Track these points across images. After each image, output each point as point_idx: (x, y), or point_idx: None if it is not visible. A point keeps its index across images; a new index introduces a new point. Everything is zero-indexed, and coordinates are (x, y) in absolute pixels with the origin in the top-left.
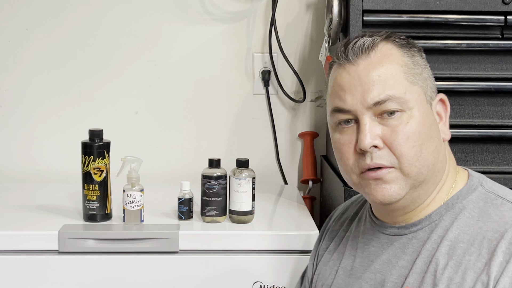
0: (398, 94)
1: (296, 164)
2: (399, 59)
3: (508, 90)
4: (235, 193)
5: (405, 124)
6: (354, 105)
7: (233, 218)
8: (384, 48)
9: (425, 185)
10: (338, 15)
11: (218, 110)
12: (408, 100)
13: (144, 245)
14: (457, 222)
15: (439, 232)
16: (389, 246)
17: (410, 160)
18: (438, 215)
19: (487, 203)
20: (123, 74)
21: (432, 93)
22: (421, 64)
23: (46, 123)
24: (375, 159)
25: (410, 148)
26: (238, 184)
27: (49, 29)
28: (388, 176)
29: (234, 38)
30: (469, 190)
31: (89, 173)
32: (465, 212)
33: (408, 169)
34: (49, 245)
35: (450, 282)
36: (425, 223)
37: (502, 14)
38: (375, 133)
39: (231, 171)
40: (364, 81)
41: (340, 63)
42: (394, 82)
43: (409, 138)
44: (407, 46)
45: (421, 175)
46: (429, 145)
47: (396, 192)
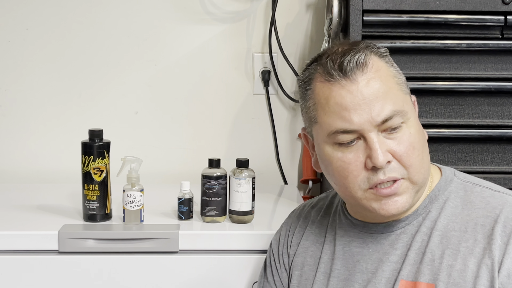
0: (399, 108)
1: (296, 164)
2: (388, 71)
3: (508, 90)
4: (235, 193)
5: (408, 136)
6: (362, 124)
7: (233, 218)
8: (373, 61)
9: (423, 188)
10: (338, 15)
11: (218, 110)
12: (407, 111)
13: (144, 245)
14: (444, 213)
15: (427, 224)
16: (376, 244)
17: (417, 168)
18: (424, 208)
19: (467, 192)
20: (123, 74)
21: (410, 97)
22: (399, 70)
23: (46, 123)
24: (388, 173)
25: (416, 156)
26: (238, 184)
27: (49, 29)
28: (401, 189)
29: (234, 38)
30: (446, 181)
31: (89, 173)
32: (449, 202)
33: (416, 177)
34: (49, 245)
35: (451, 270)
36: (413, 218)
37: (502, 14)
38: (384, 148)
39: (231, 171)
40: (369, 99)
41: (334, 80)
42: (394, 95)
43: (414, 148)
44: (385, 54)
45: (425, 180)
46: (425, 148)
47: (407, 201)
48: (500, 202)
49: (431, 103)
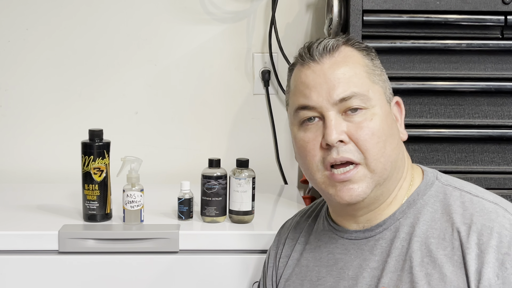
0: (362, 91)
1: (296, 164)
2: (360, 60)
3: (508, 90)
4: (235, 193)
5: (369, 121)
6: (320, 101)
7: (233, 218)
8: (346, 50)
9: (388, 182)
10: (338, 15)
11: (218, 110)
12: (371, 98)
13: (144, 245)
14: (423, 218)
15: (406, 229)
16: (356, 250)
17: (376, 156)
18: (402, 213)
19: (447, 195)
20: (123, 74)
21: (390, 95)
22: (379, 67)
23: (46, 123)
24: (342, 153)
25: (375, 143)
26: (238, 184)
27: (49, 29)
28: (357, 176)
29: (234, 38)
30: (426, 185)
31: (89, 173)
32: (427, 207)
33: (374, 164)
34: (49, 245)
35: (429, 278)
36: (390, 223)
37: (502, 14)
38: (340, 128)
39: (231, 171)
40: (329, 79)
41: (304, 62)
42: (358, 80)
43: (374, 134)
44: (366, 50)
45: (386, 171)
46: (392, 141)
47: (363, 191)
48: (477, 208)
49: (431, 103)
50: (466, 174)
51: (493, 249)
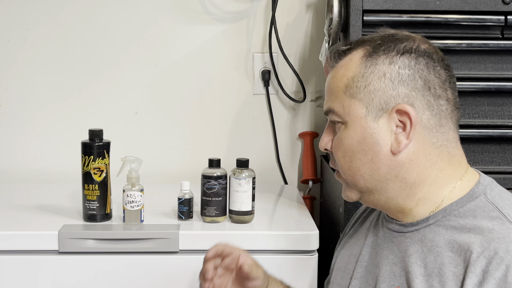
0: (335, 108)
1: (296, 164)
2: (350, 71)
3: (508, 90)
4: (235, 193)
5: (341, 135)
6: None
7: (233, 218)
8: (347, 58)
9: (376, 192)
10: (338, 15)
11: (218, 110)
12: (344, 114)
13: (144, 245)
14: (450, 229)
15: (431, 236)
16: (390, 242)
17: (343, 168)
18: (434, 219)
19: (484, 213)
20: (123, 74)
21: (384, 105)
22: (379, 74)
23: (46, 123)
24: (330, 159)
25: (341, 158)
26: (238, 184)
27: (49, 29)
28: (339, 179)
29: (234, 38)
30: (470, 198)
31: (89, 173)
32: (459, 220)
33: (345, 176)
34: (49, 245)
35: None
36: (422, 225)
37: (502, 14)
38: (329, 137)
39: (231, 171)
40: (325, 90)
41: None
42: (335, 95)
43: (339, 148)
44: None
45: (358, 183)
46: (361, 157)
47: (347, 195)
48: (501, 236)
49: None
50: None
51: (495, 280)
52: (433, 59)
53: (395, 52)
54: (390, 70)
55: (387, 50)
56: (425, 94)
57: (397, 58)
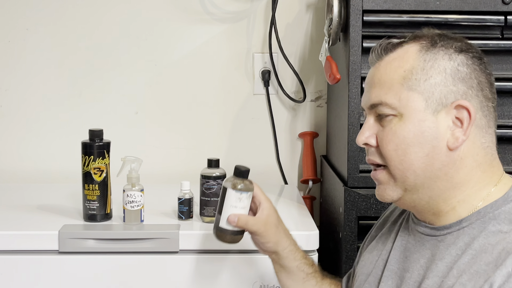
0: (389, 100)
1: (296, 164)
2: (407, 63)
3: (508, 90)
4: (232, 209)
5: (394, 130)
6: (364, 103)
7: (224, 238)
8: (402, 50)
9: (422, 189)
10: (338, 15)
11: (218, 110)
12: (399, 106)
13: (144, 245)
14: (485, 232)
15: (467, 239)
16: (421, 246)
17: (393, 162)
18: (468, 221)
19: None
20: (123, 74)
21: (443, 99)
22: (439, 69)
23: (46, 123)
24: (369, 155)
25: (393, 151)
26: (238, 198)
27: (49, 29)
28: (380, 176)
29: (234, 38)
30: (505, 200)
31: (89, 173)
32: (494, 222)
33: (392, 171)
34: (49, 245)
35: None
36: (455, 228)
37: (502, 14)
38: (370, 131)
39: (228, 181)
40: (370, 83)
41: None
42: (389, 87)
43: (392, 141)
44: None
45: (407, 179)
46: (417, 150)
47: (388, 194)
48: None
49: None
50: None
51: None
52: (484, 63)
53: (453, 50)
54: (450, 66)
55: (446, 46)
56: (479, 94)
57: (456, 55)
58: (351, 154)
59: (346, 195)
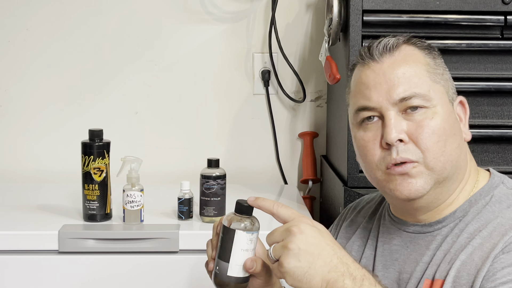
0: (422, 91)
1: (296, 164)
2: (421, 59)
3: (508, 90)
4: (244, 253)
5: (429, 120)
6: (380, 101)
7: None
8: (407, 49)
9: (448, 181)
10: (338, 15)
11: (218, 110)
12: (432, 97)
13: (144, 245)
14: (478, 217)
15: (461, 226)
16: (414, 244)
17: (435, 155)
18: (463, 211)
19: (509, 199)
20: (123, 74)
21: (453, 94)
22: (442, 66)
23: (46, 123)
24: (401, 153)
25: (435, 142)
26: (250, 240)
27: (49, 29)
28: (414, 171)
29: (234, 38)
30: (490, 187)
31: (89, 173)
32: (487, 207)
33: (433, 163)
34: (49, 245)
35: (459, 264)
36: (450, 220)
37: (502, 14)
38: (400, 127)
39: (235, 221)
40: (389, 78)
41: (364, 62)
42: (419, 80)
43: (434, 133)
44: (428, 49)
45: (445, 170)
46: (453, 141)
47: (421, 186)
48: None
49: None
50: None
51: None
52: None
53: (436, 52)
54: (444, 65)
55: (431, 48)
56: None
57: (439, 57)
58: (351, 154)
59: (346, 195)
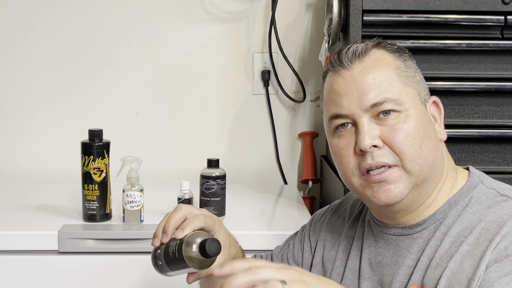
0: (394, 96)
1: (296, 164)
2: (391, 63)
3: (508, 90)
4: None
5: (403, 123)
6: (352, 109)
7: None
8: (376, 53)
9: (426, 183)
10: (338, 15)
11: (218, 110)
12: (404, 101)
13: (144, 245)
14: (460, 219)
15: (443, 229)
16: (395, 246)
17: (411, 157)
18: (442, 213)
19: (488, 199)
20: (123, 74)
21: (425, 96)
22: (413, 67)
23: (46, 123)
24: (376, 158)
25: (410, 145)
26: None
27: (49, 29)
28: (392, 176)
29: (234, 38)
30: (469, 187)
31: (89, 173)
32: (468, 208)
33: (410, 166)
34: (49, 245)
35: (450, 273)
36: (430, 222)
37: (502, 14)
38: (373, 133)
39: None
40: (359, 85)
41: (335, 70)
42: (389, 84)
43: (408, 136)
44: (399, 51)
45: (423, 173)
46: (428, 143)
47: (400, 191)
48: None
49: None
50: None
51: None
52: None
53: (407, 54)
54: (415, 66)
55: (401, 51)
56: None
57: (410, 59)
58: None
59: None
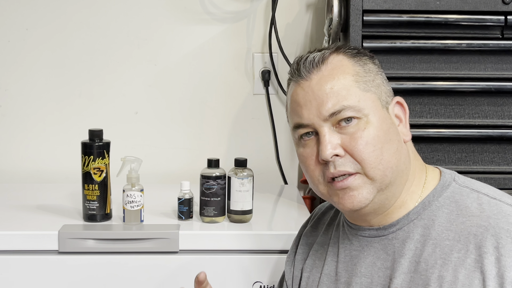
0: (352, 103)
1: (296, 164)
2: (350, 69)
3: (508, 90)
4: (237, 193)
5: (362, 130)
6: (311, 119)
7: (234, 218)
8: (334, 61)
9: (391, 186)
10: (338, 15)
11: (218, 110)
12: (363, 107)
13: (144, 245)
14: (438, 220)
15: (420, 231)
16: (370, 248)
17: (373, 164)
18: (416, 214)
19: (463, 197)
20: (123, 74)
21: (387, 98)
22: (374, 71)
23: (46, 123)
24: (338, 167)
25: (371, 152)
26: (240, 183)
27: (49, 29)
28: (355, 183)
29: (234, 38)
30: (443, 187)
31: (89, 173)
32: (443, 209)
33: (372, 173)
34: (49, 245)
35: (442, 281)
36: (404, 223)
37: (502, 14)
38: (334, 142)
39: (231, 171)
40: (317, 95)
41: (295, 80)
42: (347, 92)
43: (368, 143)
44: (358, 55)
45: (386, 177)
46: (389, 147)
47: (364, 197)
48: (495, 211)
49: (431, 103)
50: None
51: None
52: None
53: (367, 57)
54: (376, 68)
55: (361, 54)
56: None
57: (371, 61)
58: None
59: None
